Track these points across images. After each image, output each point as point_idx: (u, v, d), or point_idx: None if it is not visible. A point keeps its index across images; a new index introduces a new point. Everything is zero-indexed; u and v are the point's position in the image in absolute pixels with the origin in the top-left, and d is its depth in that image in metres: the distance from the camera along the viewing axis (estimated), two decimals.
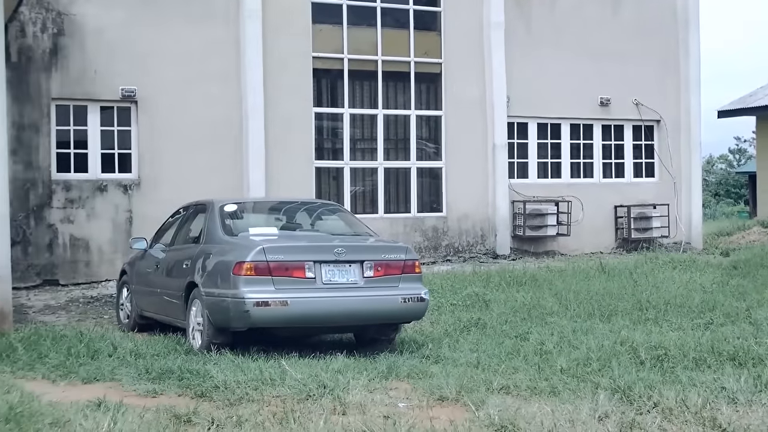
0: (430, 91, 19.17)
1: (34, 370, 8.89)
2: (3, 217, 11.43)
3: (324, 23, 17.98)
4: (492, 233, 19.15)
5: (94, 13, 16.10)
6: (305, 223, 11.26)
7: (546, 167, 20.38)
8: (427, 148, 19.09)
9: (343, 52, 18.11)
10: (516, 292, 13.49)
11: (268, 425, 6.49)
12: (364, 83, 18.59)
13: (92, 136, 16.34)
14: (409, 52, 18.68)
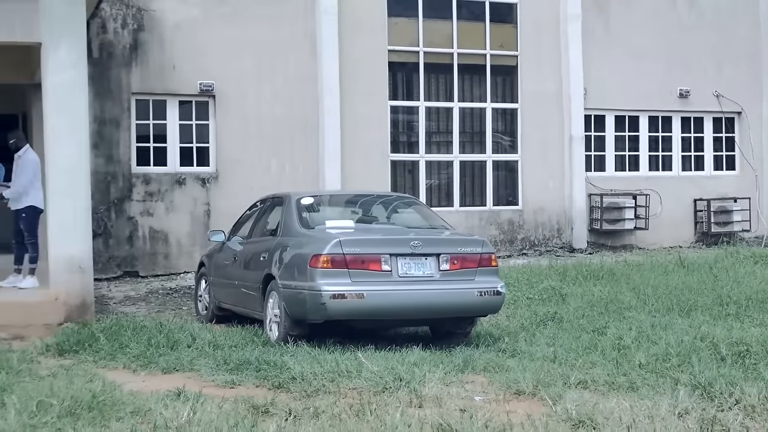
0: (505, 83, 19.04)
1: (116, 359, 9.06)
2: (85, 210, 11.68)
3: (400, 16, 17.96)
4: (568, 227, 18.97)
5: (172, 9, 16.31)
6: (381, 216, 11.27)
7: (623, 160, 20.12)
8: (502, 140, 18.98)
9: (419, 46, 18.08)
10: (593, 286, 13.34)
11: (344, 417, 6.52)
12: (440, 76, 18.53)
13: (171, 130, 16.56)
14: (485, 44, 18.57)
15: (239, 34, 16.62)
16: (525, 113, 18.79)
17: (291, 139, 16.90)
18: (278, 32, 16.89)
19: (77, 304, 11.33)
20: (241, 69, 16.63)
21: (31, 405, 6.75)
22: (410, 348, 9.08)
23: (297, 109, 16.99)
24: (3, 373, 8.15)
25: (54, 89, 11.45)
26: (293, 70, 16.99)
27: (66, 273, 11.35)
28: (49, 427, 6.31)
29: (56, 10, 11.35)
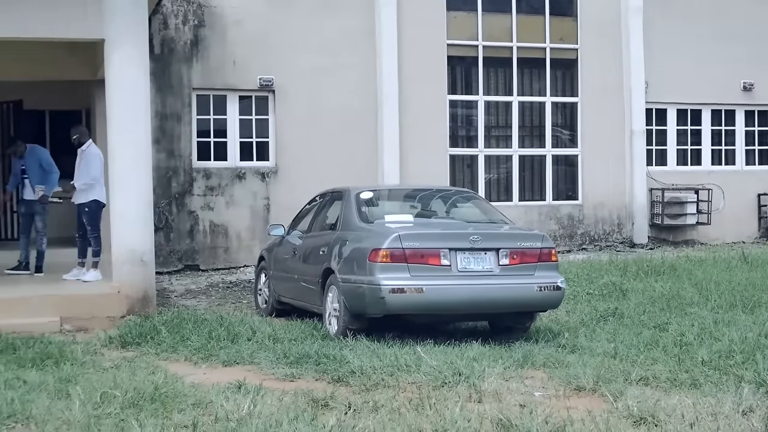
0: (565, 77, 18.90)
1: (177, 352, 9.16)
2: (147, 205, 11.82)
3: (458, 10, 17.92)
4: (629, 221, 18.79)
5: (232, 5, 16.43)
6: (440, 211, 11.24)
7: (685, 154, 19.87)
8: (562, 135, 18.84)
9: (478, 39, 18.02)
10: (654, 281, 13.19)
11: (403, 411, 6.53)
12: (499, 70, 18.46)
13: (231, 125, 16.69)
14: (545, 38, 18.45)
15: (298, 29, 16.69)
16: (585, 107, 18.64)
17: (350, 133, 16.94)
18: (337, 26, 16.93)
19: (139, 297, 11.47)
20: (300, 64, 16.70)
21: (95, 396, 6.88)
22: (469, 343, 9.06)
23: (356, 103, 17.03)
24: (68, 364, 8.30)
25: (117, 85, 11.59)
26: (352, 65, 17.03)
27: (128, 266, 11.50)
28: (113, 418, 6.40)
29: (119, 7, 11.49)
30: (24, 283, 12.51)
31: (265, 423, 6.07)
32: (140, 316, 10.97)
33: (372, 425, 6.10)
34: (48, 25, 11.48)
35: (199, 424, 6.13)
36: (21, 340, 9.38)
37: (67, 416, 6.42)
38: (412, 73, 17.27)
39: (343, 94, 16.96)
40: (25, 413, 6.54)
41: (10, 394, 7.02)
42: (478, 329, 10.64)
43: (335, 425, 6.02)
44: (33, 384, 7.45)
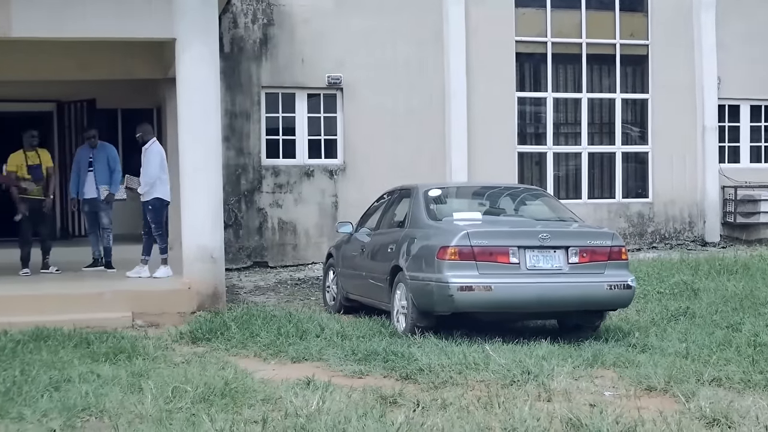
0: (636, 73, 18.67)
1: (247, 348, 9.24)
2: (217, 202, 11.93)
3: (527, 7, 17.79)
4: (700, 220, 18.51)
5: (301, 3, 16.51)
6: (509, 208, 11.19)
7: (759, 151, 19.48)
8: (632, 132, 18.62)
9: (547, 36, 17.88)
10: (726, 281, 12.97)
11: (472, 409, 6.51)
12: (568, 67, 18.30)
13: (300, 123, 16.77)
14: (615, 34, 18.24)
15: (366, 27, 16.72)
16: (656, 104, 18.39)
17: (417, 130, 16.93)
18: (405, 23, 16.92)
19: (209, 293, 11.58)
20: (368, 61, 16.73)
21: (167, 391, 6.97)
22: (538, 341, 9.00)
23: (424, 100, 17.01)
24: (140, 359, 8.44)
25: (187, 84, 11.72)
26: (420, 61, 17.01)
27: (199, 263, 11.62)
28: (184, 412, 6.48)
29: (190, 7, 11.61)
30: (96, 279, 12.72)
31: (334, 419, 6.09)
32: (210, 312, 11.09)
33: (440, 423, 6.09)
34: (121, 25, 11.65)
35: (269, 419, 6.18)
36: (94, 334, 9.55)
37: (139, 410, 6.52)
38: (480, 70, 17.20)
39: (411, 92, 16.95)
40: (99, 406, 6.66)
41: (85, 387, 7.16)
42: (546, 328, 10.57)
43: (404, 422, 6.01)
44: (106, 378, 7.59)
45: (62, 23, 11.48)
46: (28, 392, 7.09)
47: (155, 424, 6.17)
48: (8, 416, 6.54)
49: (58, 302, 11.06)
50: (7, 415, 6.56)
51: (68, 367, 8.04)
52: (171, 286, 11.84)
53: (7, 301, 11.03)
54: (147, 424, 6.22)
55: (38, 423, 6.37)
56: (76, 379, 7.52)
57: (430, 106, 17.03)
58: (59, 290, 11.69)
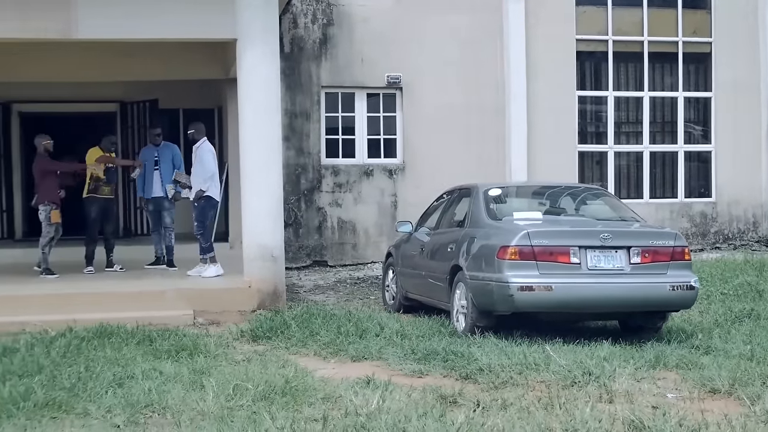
0: (698, 71, 18.42)
1: (307, 346, 9.28)
2: (277, 201, 12.01)
3: (588, 5, 17.63)
4: (765, 220, 18.20)
5: (360, 3, 16.55)
6: (569, 208, 11.10)
7: None
8: (694, 130, 18.37)
9: (607, 34, 17.71)
10: None
11: (533, 410, 6.47)
12: (629, 65, 18.11)
13: (359, 123, 16.81)
14: (677, 31, 18.01)
15: (426, 26, 16.71)
16: (719, 102, 18.13)
17: (477, 130, 16.88)
18: (464, 23, 16.88)
19: (269, 291, 11.68)
20: (427, 60, 16.72)
21: (228, 388, 7.03)
22: (599, 342, 8.92)
23: (483, 99, 16.95)
24: (201, 356, 8.51)
25: (249, 84, 11.82)
26: (479, 61, 16.95)
27: (259, 261, 11.72)
28: (245, 410, 6.53)
29: (252, 8, 11.71)
30: (158, 277, 12.88)
31: (394, 418, 6.09)
32: (270, 310, 11.17)
33: (501, 423, 6.07)
34: (184, 26, 11.79)
35: (329, 418, 6.19)
36: (157, 332, 9.65)
37: (201, 407, 6.58)
38: (540, 69, 17.10)
39: (470, 91, 16.90)
40: (161, 403, 6.74)
41: (148, 384, 7.24)
42: (607, 328, 10.47)
43: (464, 422, 6.00)
44: (169, 375, 7.66)
45: (126, 25, 11.65)
46: (92, 388, 7.20)
47: (217, 421, 6.22)
48: (73, 412, 6.65)
49: (122, 300, 11.24)
50: (72, 410, 6.67)
51: (131, 364, 8.14)
52: (232, 285, 11.94)
53: (73, 298, 11.23)
54: (209, 421, 6.28)
55: (102, 419, 6.46)
56: (140, 375, 7.61)
57: (490, 106, 16.97)
58: (123, 288, 11.86)
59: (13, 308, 10.87)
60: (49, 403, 6.79)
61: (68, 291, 11.62)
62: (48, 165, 13.02)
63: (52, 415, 6.57)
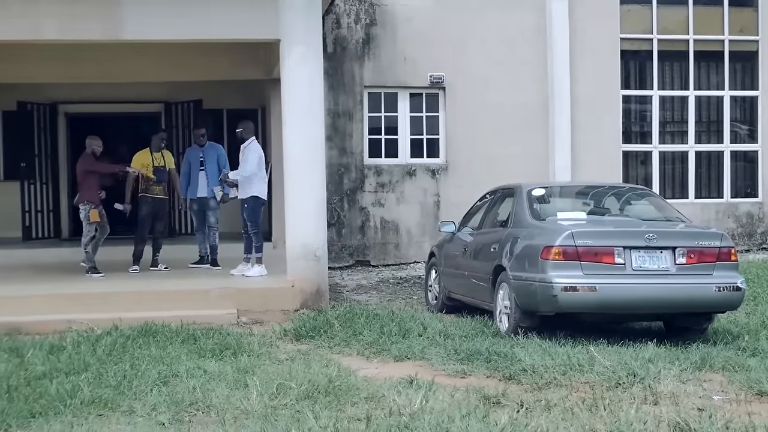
0: (745, 70, 18.20)
1: (350, 346, 9.29)
2: (320, 201, 12.05)
3: (632, 3, 17.49)
4: None
5: (403, 2, 16.55)
6: (614, 208, 11.02)
7: None
8: (741, 130, 18.16)
9: (652, 33, 17.56)
10: None
11: (576, 411, 6.44)
12: (674, 64, 17.94)
13: (402, 123, 16.81)
14: (723, 30, 17.81)
15: (468, 25, 16.67)
16: (765, 101, 17.90)
17: (520, 129, 16.80)
18: (507, 22, 16.82)
19: (312, 291, 11.71)
20: (470, 59, 16.68)
21: (272, 387, 7.07)
22: (644, 343, 8.84)
23: (526, 98, 16.88)
24: (245, 355, 8.56)
25: (292, 84, 11.86)
26: (522, 61, 16.88)
27: (302, 261, 11.76)
28: (289, 408, 6.56)
29: (295, 8, 11.75)
30: (203, 276, 12.95)
31: (437, 419, 6.09)
32: (313, 310, 11.21)
33: (544, 424, 6.04)
34: (228, 27, 11.85)
35: (373, 417, 6.21)
36: (201, 330, 9.72)
37: (245, 406, 6.62)
38: (584, 69, 17.00)
39: (513, 91, 16.83)
40: (205, 401, 6.79)
41: (192, 382, 7.30)
42: (652, 329, 10.39)
43: (507, 423, 5.98)
44: (213, 373, 7.72)
45: (171, 26, 11.74)
46: (137, 386, 7.27)
47: (260, 419, 6.25)
48: (119, 409, 6.72)
49: (166, 299, 11.30)
50: (118, 408, 6.74)
51: (176, 362, 8.21)
52: (275, 284, 11.98)
53: (118, 297, 11.34)
54: (252, 419, 6.31)
55: (147, 416, 6.52)
56: (184, 374, 7.67)
57: (533, 105, 16.89)
58: (167, 287, 11.93)
59: (60, 306, 10.99)
60: (95, 400, 6.87)
61: (114, 290, 11.73)
62: (89, 166, 13.16)
63: (98, 412, 6.64)
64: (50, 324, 10.39)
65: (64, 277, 13.00)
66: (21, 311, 10.92)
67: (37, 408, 6.67)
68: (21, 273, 13.57)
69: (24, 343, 9.20)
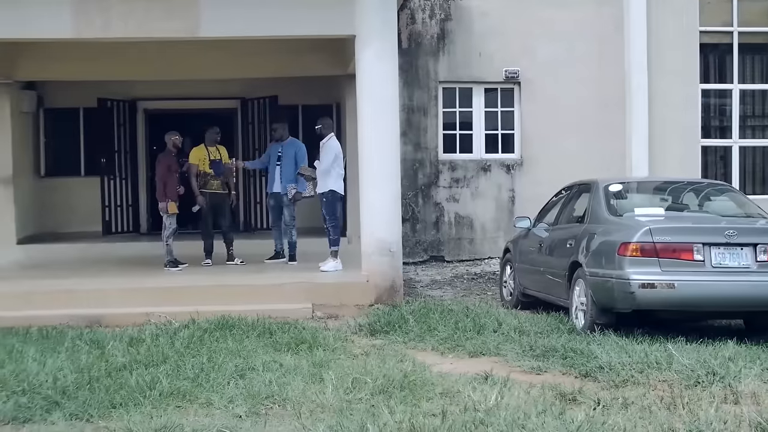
0: None
1: (424, 341, 9.29)
2: (395, 196, 12.06)
3: None
4: None
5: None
6: (692, 204, 10.86)
7: None
8: None
9: (733, 25, 17.23)
10: None
11: (654, 409, 6.37)
12: (755, 57, 17.57)
13: (476, 118, 16.74)
14: None
15: (544, 20, 16.53)
16: None
17: (597, 124, 16.61)
18: (584, 15, 16.63)
19: (387, 286, 11.74)
20: (546, 55, 16.54)
21: (347, 381, 7.10)
22: (723, 341, 8.68)
23: (603, 93, 16.67)
24: (320, 349, 8.60)
25: (367, 80, 11.89)
26: (599, 54, 16.67)
27: (377, 256, 11.79)
28: (364, 403, 6.58)
29: (370, 4, 11.79)
30: (278, 271, 13.05)
31: (513, 415, 6.06)
32: (388, 305, 11.23)
33: (622, 422, 5.98)
34: (304, 24, 11.94)
35: (448, 413, 6.19)
36: (277, 324, 9.81)
37: (320, 400, 6.66)
38: (662, 63, 16.74)
39: (589, 85, 16.65)
40: (281, 395, 6.84)
41: (268, 376, 7.37)
42: (732, 327, 10.21)
43: (584, 421, 5.92)
44: (288, 367, 7.78)
45: (248, 23, 11.86)
46: (215, 379, 7.37)
47: (336, 414, 6.29)
48: (197, 401, 6.81)
49: (242, 293, 11.44)
50: (196, 400, 6.83)
51: (252, 355, 8.29)
52: (350, 279, 12.03)
53: (195, 290, 11.49)
54: (328, 413, 6.35)
55: (224, 409, 6.60)
56: (260, 367, 7.75)
57: (610, 100, 16.68)
58: (243, 281, 12.07)
59: (139, 299, 11.22)
60: (173, 392, 6.97)
61: (191, 283, 11.90)
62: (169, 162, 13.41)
63: (176, 404, 6.74)
64: (129, 317, 10.60)
65: (142, 270, 13.21)
66: (101, 304, 11.16)
67: (118, 399, 6.79)
68: (101, 266, 13.85)
69: (104, 335, 9.40)
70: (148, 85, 17.18)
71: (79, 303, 11.13)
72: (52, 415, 6.49)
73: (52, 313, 10.68)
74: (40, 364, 7.84)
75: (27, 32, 11.94)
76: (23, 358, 8.19)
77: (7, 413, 6.52)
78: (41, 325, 10.03)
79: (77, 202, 17.75)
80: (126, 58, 14.79)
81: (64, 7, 11.61)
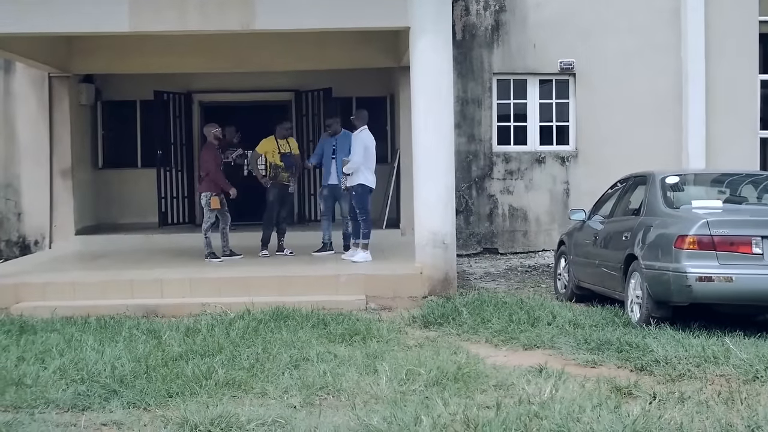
0: None
1: (478, 333, 9.28)
2: (449, 188, 12.04)
3: None
4: None
5: None
6: (751, 197, 10.69)
7: None
8: None
9: None
10: None
11: (711, 404, 6.29)
12: None
13: (531, 109, 16.64)
14: None
15: (599, 10, 16.39)
16: None
17: (653, 116, 16.44)
18: (639, 6, 16.46)
19: (440, 278, 11.73)
20: (601, 46, 16.40)
21: (401, 373, 7.11)
22: None
23: (658, 85, 16.50)
24: (374, 341, 8.63)
25: (421, 71, 11.88)
26: (655, 46, 16.49)
27: (430, 248, 11.79)
28: (418, 394, 6.59)
29: None
30: (332, 262, 13.11)
31: (568, 408, 6.02)
32: (441, 297, 11.23)
33: (678, 417, 5.91)
34: (358, 16, 11.95)
35: (502, 405, 6.18)
36: (330, 316, 9.86)
37: (374, 391, 6.68)
38: (720, 53, 16.51)
39: (644, 77, 16.48)
40: (336, 386, 6.87)
41: (323, 366, 7.40)
42: None
43: (640, 415, 5.86)
44: (342, 358, 7.81)
45: (302, 16, 11.90)
46: (270, 369, 7.43)
47: (390, 405, 6.29)
48: (252, 391, 6.87)
49: (296, 284, 11.52)
50: (251, 390, 6.89)
51: (307, 346, 8.34)
52: (403, 271, 12.04)
53: (250, 281, 11.57)
54: (382, 404, 6.35)
55: (279, 399, 6.64)
56: (314, 358, 7.79)
57: (666, 91, 16.51)
58: (297, 272, 12.12)
59: (195, 290, 11.35)
60: (229, 382, 7.04)
61: (245, 274, 11.98)
62: (214, 154, 13.53)
63: (232, 393, 6.80)
64: (185, 307, 10.74)
65: (198, 261, 13.34)
66: (158, 294, 11.32)
67: (174, 388, 6.87)
68: (157, 257, 14.02)
69: (161, 325, 9.52)
70: (203, 77, 17.33)
71: (135, 293, 11.31)
72: (110, 403, 6.60)
73: (110, 303, 10.88)
74: (99, 353, 7.97)
75: (85, 26, 12.13)
76: (82, 347, 8.33)
77: (66, 401, 6.63)
78: (99, 315, 10.20)
79: (134, 194, 17.99)
80: (181, 51, 14.96)
81: (121, 1, 11.76)
